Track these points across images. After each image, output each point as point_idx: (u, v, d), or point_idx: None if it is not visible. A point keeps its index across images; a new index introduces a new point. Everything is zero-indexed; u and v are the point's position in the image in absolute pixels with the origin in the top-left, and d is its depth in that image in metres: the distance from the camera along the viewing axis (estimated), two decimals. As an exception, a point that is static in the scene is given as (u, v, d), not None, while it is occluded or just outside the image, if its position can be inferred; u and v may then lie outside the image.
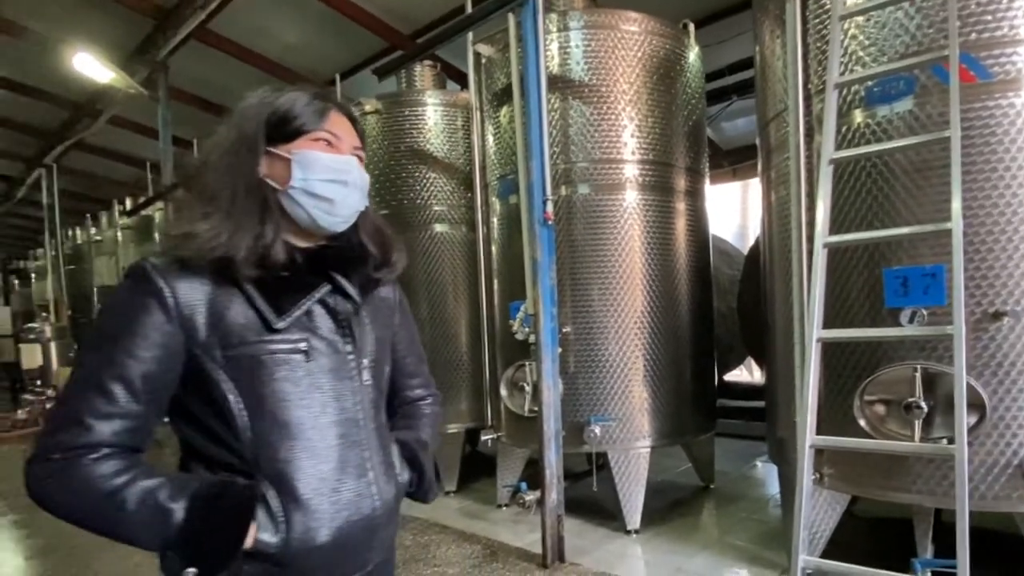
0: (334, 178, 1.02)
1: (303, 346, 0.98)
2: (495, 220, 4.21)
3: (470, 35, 3.99)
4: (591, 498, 4.00)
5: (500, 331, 4.16)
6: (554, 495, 3.26)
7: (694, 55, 4.11)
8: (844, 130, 2.60)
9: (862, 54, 2.55)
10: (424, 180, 4.67)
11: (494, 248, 4.25)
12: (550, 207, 3.27)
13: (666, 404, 3.78)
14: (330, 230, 1.05)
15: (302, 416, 0.97)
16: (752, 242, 5.51)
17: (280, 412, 0.96)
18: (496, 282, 4.22)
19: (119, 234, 9.51)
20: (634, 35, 3.74)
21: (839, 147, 2.56)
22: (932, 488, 2.38)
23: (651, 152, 3.79)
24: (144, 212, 8.50)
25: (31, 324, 10.13)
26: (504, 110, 3.98)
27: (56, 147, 9.53)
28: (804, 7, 2.71)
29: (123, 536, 0.88)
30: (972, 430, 2.26)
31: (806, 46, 2.72)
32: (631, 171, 3.74)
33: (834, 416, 2.59)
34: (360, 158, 1.09)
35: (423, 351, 1.37)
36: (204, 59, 6.96)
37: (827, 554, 2.57)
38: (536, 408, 3.38)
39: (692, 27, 4.13)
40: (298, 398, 0.97)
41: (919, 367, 2.37)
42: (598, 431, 3.55)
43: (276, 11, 6.13)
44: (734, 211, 9.08)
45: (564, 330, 3.62)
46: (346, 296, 1.05)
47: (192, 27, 6.08)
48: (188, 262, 0.93)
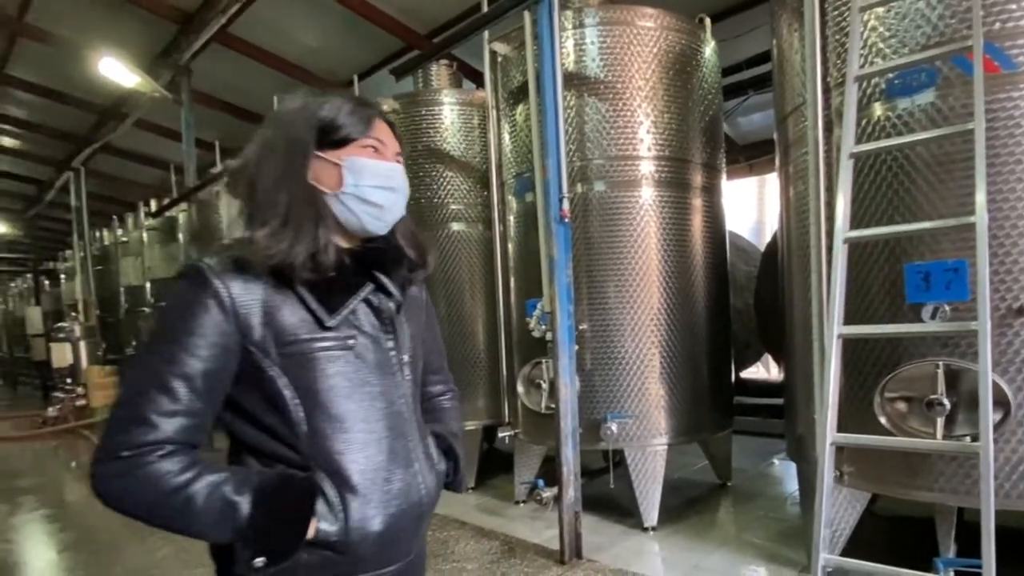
0: (383, 184, 1.06)
1: (352, 342, 1.02)
2: (511, 218, 4.23)
3: (486, 34, 4.01)
4: (608, 495, 3.99)
5: (517, 328, 4.18)
6: (571, 492, 3.27)
7: (710, 50, 4.08)
8: (864, 123, 2.56)
9: (882, 46, 2.51)
10: (441, 179, 4.71)
11: (511, 246, 4.26)
12: (566, 204, 3.28)
13: (683, 401, 3.76)
14: (375, 233, 1.08)
15: (354, 409, 1.01)
16: (768, 238, 5.45)
17: (333, 406, 0.99)
18: (513, 280, 4.24)
19: (144, 235, 9.71)
20: (650, 31, 3.73)
21: (859, 141, 2.52)
22: (955, 486, 2.35)
23: (667, 148, 3.77)
24: (168, 213, 8.67)
25: (61, 324, 10.36)
26: (520, 108, 4.00)
27: (83, 150, 9.78)
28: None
29: (193, 530, 0.90)
30: (997, 428, 2.22)
31: (824, 39, 2.69)
32: (647, 167, 3.72)
33: (854, 413, 2.56)
34: (401, 163, 1.12)
35: (444, 347, 1.41)
36: (225, 62, 7.10)
37: (847, 552, 2.55)
38: (553, 405, 3.39)
39: (708, 22, 4.10)
40: (349, 392, 1.00)
41: (941, 363, 2.33)
42: (615, 428, 3.56)
43: (295, 14, 6.23)
44: (750, 207, 8.98)
45: (581, 327, 3.63)
46: (387, 294, 1.09)
47: (214, 31, 6.21)
48: (242, 263, 0.95)
